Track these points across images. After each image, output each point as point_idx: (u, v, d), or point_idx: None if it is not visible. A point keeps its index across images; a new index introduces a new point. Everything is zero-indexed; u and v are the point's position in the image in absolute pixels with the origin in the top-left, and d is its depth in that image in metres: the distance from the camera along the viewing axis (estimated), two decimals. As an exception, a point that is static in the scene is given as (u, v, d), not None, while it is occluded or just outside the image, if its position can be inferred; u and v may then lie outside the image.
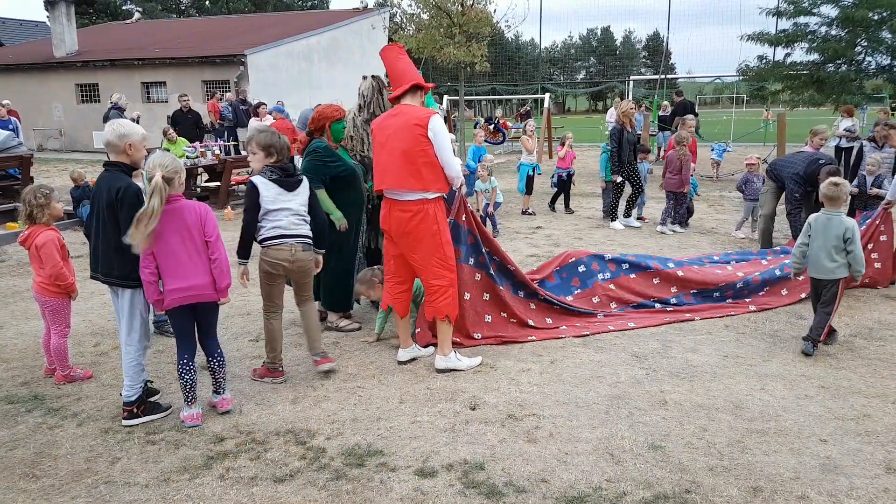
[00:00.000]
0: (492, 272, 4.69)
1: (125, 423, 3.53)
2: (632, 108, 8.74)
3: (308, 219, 3.99)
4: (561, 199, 10.20)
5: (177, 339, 3.56)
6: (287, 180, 3.90)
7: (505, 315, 4.79)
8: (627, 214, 9.05)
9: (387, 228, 4.18)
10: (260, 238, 3.90)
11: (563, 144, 10.07)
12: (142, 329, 3.59)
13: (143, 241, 3.24)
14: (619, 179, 8.67)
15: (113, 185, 3.40)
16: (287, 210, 3.88)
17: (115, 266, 3.45)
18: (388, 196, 4.11)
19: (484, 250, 4.64)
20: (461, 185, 4.23)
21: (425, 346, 4.51)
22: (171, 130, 11.26)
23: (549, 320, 4.97)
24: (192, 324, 3.55)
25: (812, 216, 4.52)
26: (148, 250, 3.33)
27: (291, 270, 3.96)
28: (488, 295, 4.72)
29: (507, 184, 11.35)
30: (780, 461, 3.11)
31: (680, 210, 8.65)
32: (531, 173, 9.98)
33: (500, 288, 4.74)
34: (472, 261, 4.60)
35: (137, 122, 12.31)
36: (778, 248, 6.68)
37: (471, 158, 9.85)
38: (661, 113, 16.73)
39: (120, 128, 3.50)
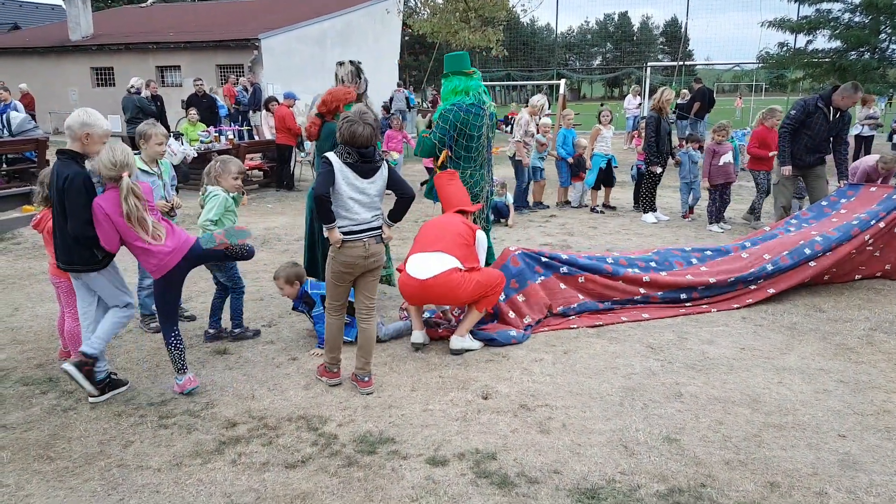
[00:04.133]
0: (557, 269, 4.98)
1: (65, 366, 3.53)
2: (669, 98, 8.34)
3: (380, 209, 3.66)
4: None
5: (168, 316, 3.65)
6: (363, 166, 3.51)
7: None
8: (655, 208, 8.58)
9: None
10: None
11: (640, 135, 9.00)
12: (123, 297, 3.64)
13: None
14: (658, 170, 8.36)
15: (62, 173, 3.36)
16: (359, 201, 3.52)
17: (74, 254, 3.45)
18: (411, 275, 4.19)
19: (543, 260, 4.95)
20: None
21: (432, 340, 4.48)
22: (194, 112, 11.42)
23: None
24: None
25: None
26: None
27: (364, 267, 3.64)
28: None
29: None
30: (798, 456, 3.06)
31: (712, 205, 8.12)
32: (604, 166, 8.99)
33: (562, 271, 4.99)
34: (530, 278, 4.86)
35: (158, 105, 12.41)
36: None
37: (560, 145, 9.04)
38: (679, 101, 16.37)
39: (85, 115, 3.43)
